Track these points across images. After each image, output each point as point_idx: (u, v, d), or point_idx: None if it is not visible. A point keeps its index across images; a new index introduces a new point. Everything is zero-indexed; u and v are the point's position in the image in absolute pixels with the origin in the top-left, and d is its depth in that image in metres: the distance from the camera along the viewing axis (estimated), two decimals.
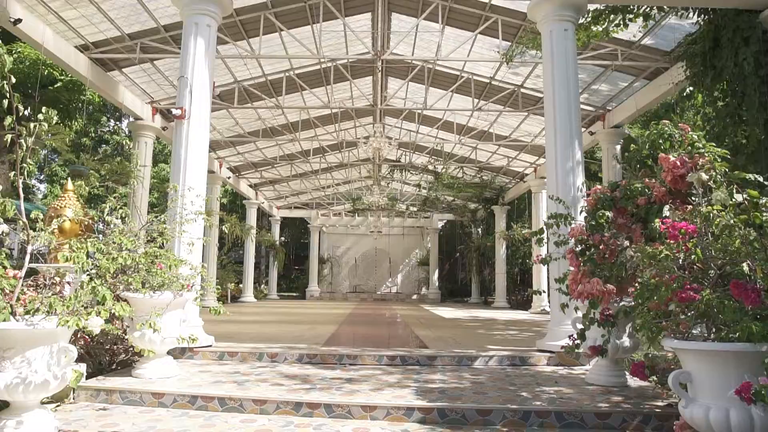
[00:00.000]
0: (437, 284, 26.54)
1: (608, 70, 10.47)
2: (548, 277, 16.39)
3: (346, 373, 5.13)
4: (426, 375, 5.12)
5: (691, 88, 10.19)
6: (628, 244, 3.84)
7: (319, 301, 24.26)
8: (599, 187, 4.39)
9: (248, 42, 10.43)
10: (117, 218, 4.89)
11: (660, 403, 4.03)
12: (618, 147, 11.86)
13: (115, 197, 5.35)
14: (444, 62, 12.01)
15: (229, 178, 17.56)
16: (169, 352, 5.07)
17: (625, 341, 4.66)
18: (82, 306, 3.53)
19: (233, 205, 29.32)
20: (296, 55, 10.52)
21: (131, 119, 11.60)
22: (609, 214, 4.07)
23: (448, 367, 5.56)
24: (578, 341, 4.33)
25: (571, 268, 4.92)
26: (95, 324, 3.17)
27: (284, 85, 12.02)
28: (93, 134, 28.51)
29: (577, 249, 4.41)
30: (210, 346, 6.06)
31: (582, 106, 12.36)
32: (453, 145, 17.56)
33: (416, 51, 11.65)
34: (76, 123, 11.67)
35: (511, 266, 21.72)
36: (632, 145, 6.29)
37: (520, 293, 23.52)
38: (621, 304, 4.30)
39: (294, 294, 28.95)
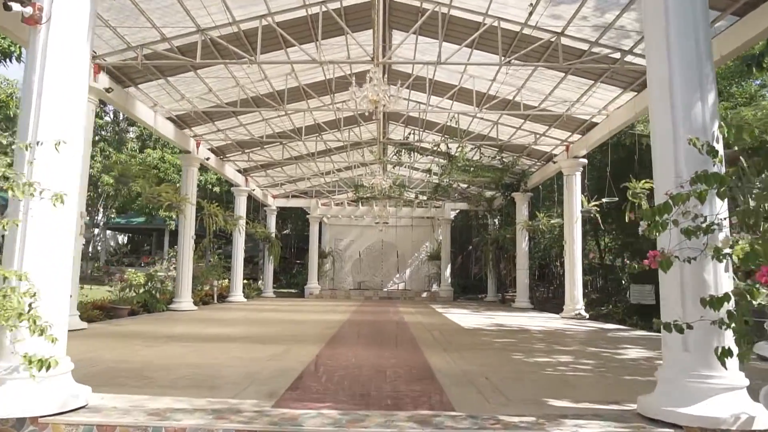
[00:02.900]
0: (449, 281, 24.01)
1: None
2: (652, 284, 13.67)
3: None
4: None
5: None
6: None
7: (319, 299, 21.82)
8: None
9: None
10: None
11: None
12: None
13: None
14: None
15: (208, 159, 15.05)
16: None
17: None
18: None
19: (229, 195, 26.97)
20: None
21: None
22: None
23: None
24: None
25: None
26: None
27: (260, 35, 9.46)
28: None
29: None
30: (84, 407, 3.58)
31: (637, 60, 9.75)
32: (470, 119, 14.97)
33: None
34: None
35: (531, 260, 19.18)
36: None
37: (539, 290, 21.06)
38: None
39: (294, 290, 26.56)
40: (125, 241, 38.77)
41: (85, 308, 10.76)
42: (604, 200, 11.51)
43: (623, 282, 18.75)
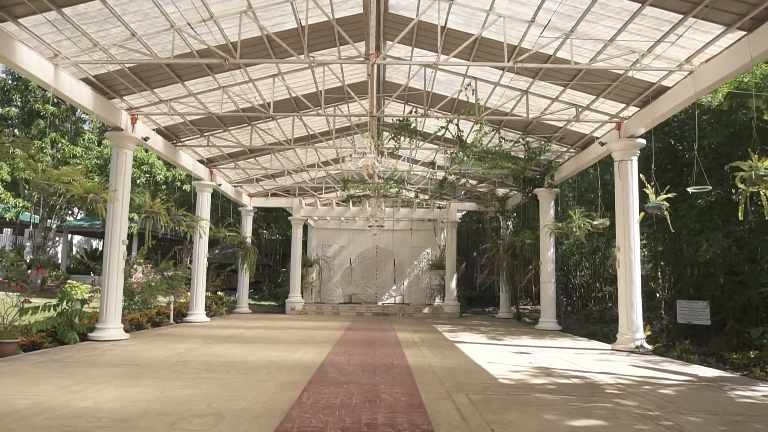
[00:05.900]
0: (455, 293, 20.52)
1: None
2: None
3: None
4: None
5: None
6: None
7: (301, 317, 18.23)
8: None
9: None
10: None
11: None
12: None
13: None
14: None
15: (146, 138, 11.45)
16: None
17: None
18: None
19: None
20: None
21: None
22: None
23: None
24: None
25: None
26: None
27: None
28: (19, 104, 22.60)
29: None
30: None
31: None
32: (491, 89, 11.52)
33: None
34: None
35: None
36: None
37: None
38: None
39: (275, 303, 22.98)
40: (98, 247, 35.22)
41: None
42: (691, 189, 8.03)
43: (657, 295, 15.46)
